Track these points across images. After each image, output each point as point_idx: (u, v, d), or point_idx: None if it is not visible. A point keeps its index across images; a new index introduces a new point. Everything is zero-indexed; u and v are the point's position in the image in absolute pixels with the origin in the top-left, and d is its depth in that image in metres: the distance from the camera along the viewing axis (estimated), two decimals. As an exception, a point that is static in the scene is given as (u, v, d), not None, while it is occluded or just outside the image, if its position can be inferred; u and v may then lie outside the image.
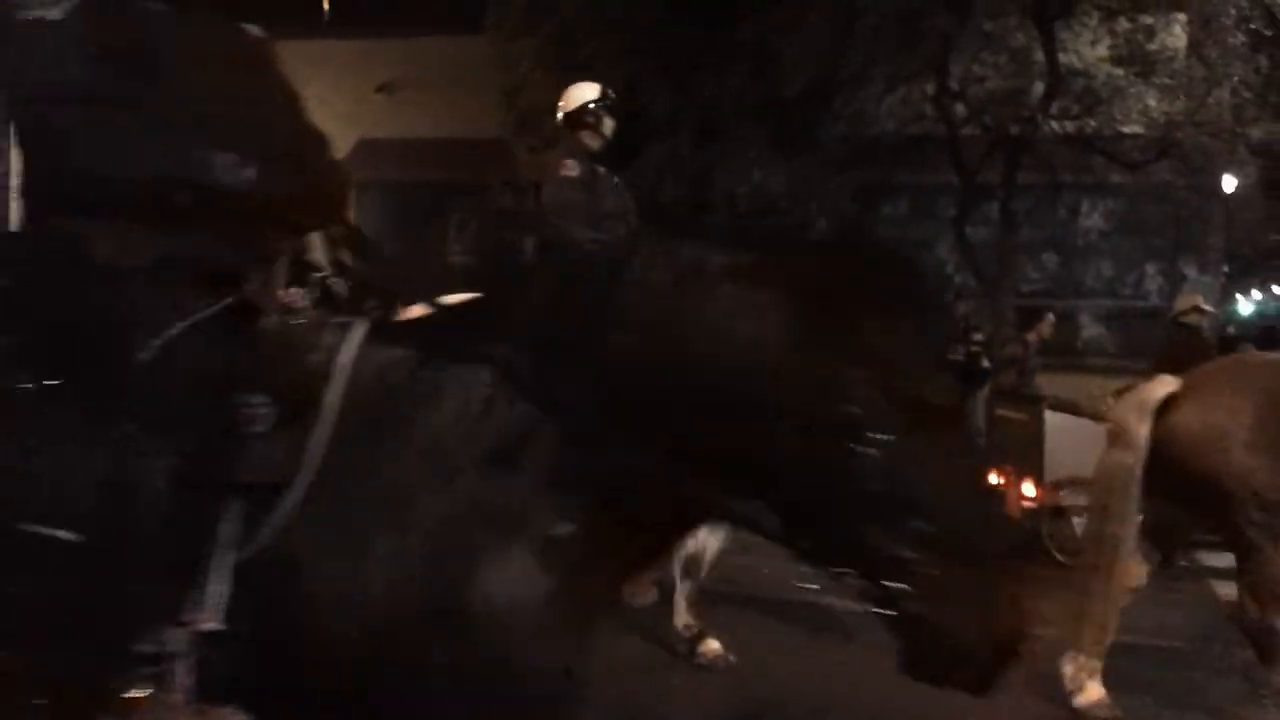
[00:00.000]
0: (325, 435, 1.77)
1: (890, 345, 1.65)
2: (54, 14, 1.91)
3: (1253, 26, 13.40)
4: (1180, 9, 13.87)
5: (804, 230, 12.43)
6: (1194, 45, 14.02)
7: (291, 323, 1.94)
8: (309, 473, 1.76)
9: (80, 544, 1.75)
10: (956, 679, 1.66)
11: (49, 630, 1.80)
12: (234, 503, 1.76)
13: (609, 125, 5.83)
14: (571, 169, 5.55)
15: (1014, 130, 13.56)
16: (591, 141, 5.78)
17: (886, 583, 1.62)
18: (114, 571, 1.75)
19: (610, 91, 5.89)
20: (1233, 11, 13.40)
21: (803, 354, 1.64)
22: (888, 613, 1.64)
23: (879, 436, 1.60)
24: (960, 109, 13.75)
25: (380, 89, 17.23)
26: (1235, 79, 13.62)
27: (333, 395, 1.79)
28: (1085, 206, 15.41)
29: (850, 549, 1.64)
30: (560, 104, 5.92)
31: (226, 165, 1.92)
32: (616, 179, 5.90)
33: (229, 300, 1.90)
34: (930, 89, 13.52)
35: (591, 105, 5.80)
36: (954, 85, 13.53)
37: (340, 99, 17.48)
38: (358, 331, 1.89)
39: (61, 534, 1.75)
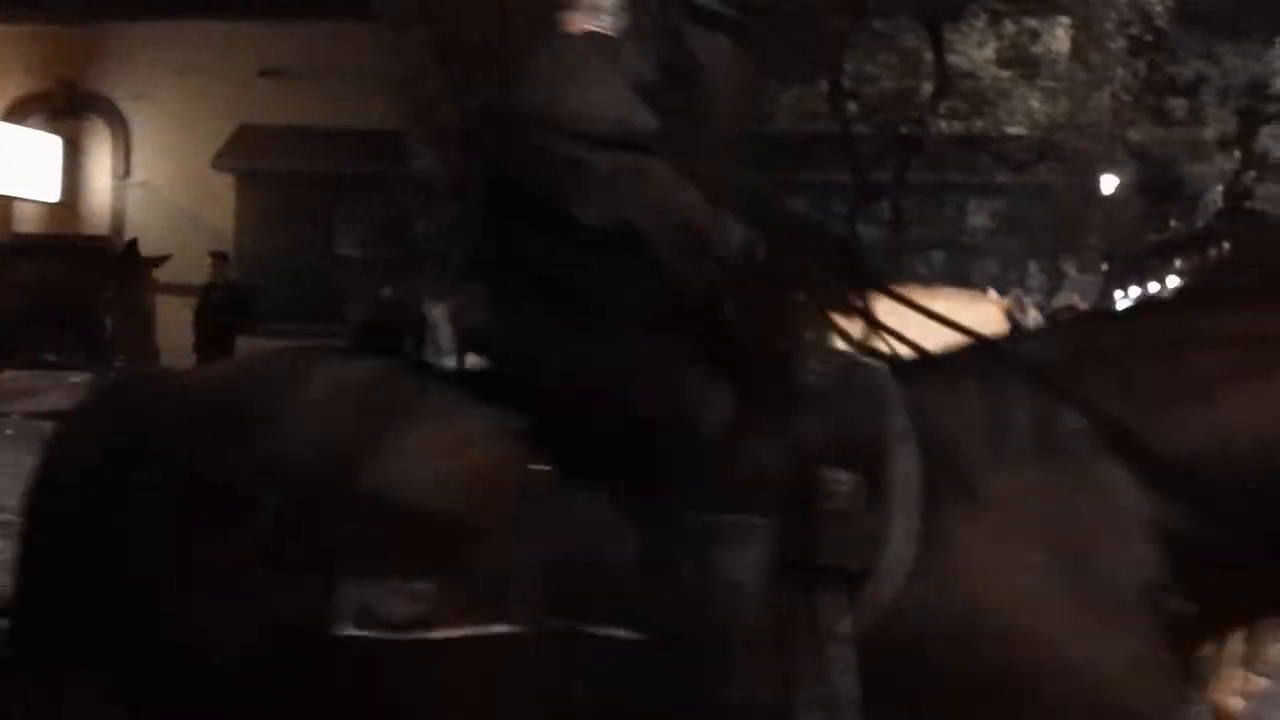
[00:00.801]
0: (912, 509, 1.55)
1: None
2: (602, 24, 1.61)
3: (1132, 32, 13.81)
4: (1063, 13, 14.24)
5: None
6: (1076, 49, 14.43)
7: (820, 371, 1.66)
8: (907, 553, 1.54)
9: (665, 649, 1.52)
10: None
11: None
12: (834, 590, 1.53)
13: None
14: None
15: (904, 130, 13.75)
16: None
17: None
18: (708, 677, 1.52)
19: None
20: (1114, 16, 13.78)
21: None
22: None
23: None
24: (853, 107, 13.89)
25: (265, 73, 16.54)
26: (1115, 83, 14.04)
27: (906, 463, 1.57)
28: (972, 205, 15.74)
29: None
30: None
31: (739, 240, 1.64)
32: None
33: (782, 349, 1.64)
34: (824, 86, 13.63)
35: None
36: (847, 84, 13.65)
37: (220, 82, 16.87)
38: (890, 383, 1.64)
39: (640, 637, 1.51)
